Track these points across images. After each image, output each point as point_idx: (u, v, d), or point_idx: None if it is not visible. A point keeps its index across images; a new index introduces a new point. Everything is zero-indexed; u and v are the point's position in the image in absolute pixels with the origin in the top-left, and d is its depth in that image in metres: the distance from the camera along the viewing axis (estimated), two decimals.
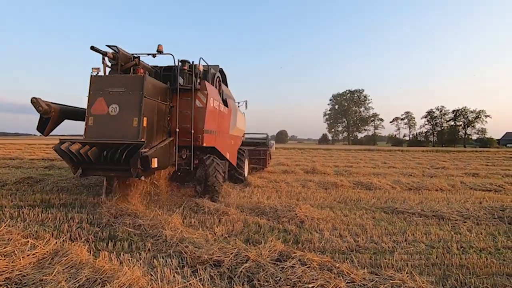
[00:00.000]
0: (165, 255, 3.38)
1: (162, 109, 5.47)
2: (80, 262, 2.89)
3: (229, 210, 5.27)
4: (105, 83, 5.00)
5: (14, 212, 4.98)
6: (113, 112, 4.83)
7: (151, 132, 5.08)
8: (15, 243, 3.26)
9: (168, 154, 5.46)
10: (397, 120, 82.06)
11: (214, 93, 6.33)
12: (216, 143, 6.46)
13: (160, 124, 5.41)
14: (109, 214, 4.81)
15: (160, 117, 5.40)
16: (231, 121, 7.78)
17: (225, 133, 7.27)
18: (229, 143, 7.74)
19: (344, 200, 6.70)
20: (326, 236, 4.15)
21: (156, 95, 5.23)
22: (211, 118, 6.07)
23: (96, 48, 4.95)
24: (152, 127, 5.12)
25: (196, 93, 5.80)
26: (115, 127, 4.80)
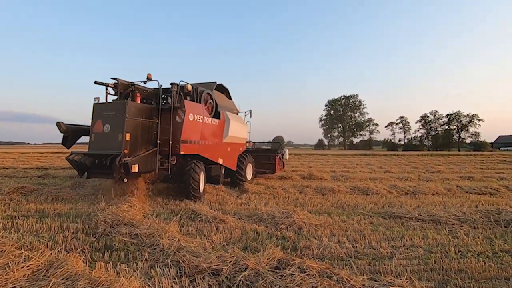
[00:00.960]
0: (162, 265, 3.33)
1: (146, 125, 6.64)
2: (75, 273, 2.83)
3: (226, 217, 5.24)
4: (102, 108, 6.41)
5: (7, 223, 4.90)
6: (106, 130, 6.22)
7: (135, 144, 6.27)
8: (8, 255, 3.19)
9: (150, 161, 6.56)
10: (392, 125, 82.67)
11: (196, 109, 7.33)
12: (200, 150, 7.53)
13: (144, 137, 6.59)
14: (105, 223, 4.74)
15: (144, 131, 6.58)
16: (224, 130, 8.72)
17: (215, 141, 8.30)
18: (223, 149, 8.73)
19: (341, 206, 6.70)
20: (324, 243, 4.14)
21: (140, 115, 6.46)
22: (190, 130, 7.09)
23: (99, 81, 6.41)
24: (136, 140, 6.30)
25: (175, 110, 6.81)
26: (107, 141, 6.17)
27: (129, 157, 6.00)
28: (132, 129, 6.18)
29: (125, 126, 6.00)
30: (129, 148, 6.08)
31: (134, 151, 6.22)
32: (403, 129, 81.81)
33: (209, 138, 7.97)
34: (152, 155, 6.59)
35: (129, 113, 6.13)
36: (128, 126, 6.06)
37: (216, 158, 8.25)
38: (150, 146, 6.67)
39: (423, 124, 78.25)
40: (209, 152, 7.91)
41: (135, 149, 6.26)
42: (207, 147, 7.82)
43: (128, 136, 6.05)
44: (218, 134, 8.43)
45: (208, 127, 7.89)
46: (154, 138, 6.75)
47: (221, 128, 8.61)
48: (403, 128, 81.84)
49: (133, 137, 6.19)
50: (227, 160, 8.89)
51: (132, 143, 6.16)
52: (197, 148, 7.41)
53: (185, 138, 6.91)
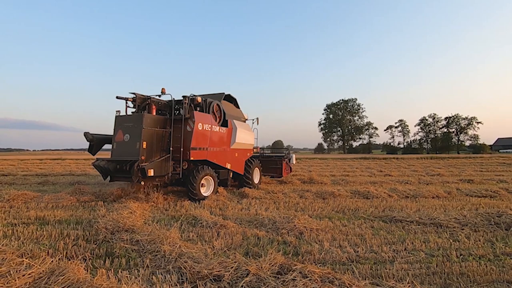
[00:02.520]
0: (164, 271, 3.32)
1: (160, 134, 7.39)
2: (77, 281, 2.82)
3: (227, 223, 5.23)
4: (123, 120, 7.35)
5: (7, 230, 4.88)
6: (126, 139, 7.10)
7: (150, 151, 7.03)
8: (9, 262, 3.18)
9: (164, 166, 7.29)
10: (391, 128, 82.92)
11: (204, 119, 8.12)
12: (209, 156, 8.30)
13: (159, 145, 7.33)
14: (106, 230, 4.73)
15: (159, 140, 7.33)
16: (232, 137, 9.44)
17: (223, 148, 9.01)
18: (231, 155, 9.43)
19: (342, 210, 6.70)
20: (326, 247, 4.13)
21: (155, 125, 7.26)
22: (199, 138, 7.87)
23: (120, 96, 7.38)
24: (151, 148, 7.07)
25: (186, 120, 7.68)
26: (127, 149, 7.02)
27: (146, 162, 6.79)
28: (148, 137, 6.96)
29: (142, 135, 6.81)
30: (146, 154, 6.87)
31: (150, 157, 7.00)
32: (402, 132, 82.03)
33: (217, 145, 8.73)
34: (166, 160, 7.33)
35: (145, 124, 6.94)
36: (144, 135, 6.87)
37: (224, 163, 9.02)
38: (164, 152, 7.41)
39: (422, 127, 78.54)
40: (217, 158, 8.71)
41: (150, 155, 7.05)
42: (215, 153, 8.59)
43: (144, 144, 6.85)
44: (226, 141, 9.18)
45: (216, 135, 8.64)
46: (167, 146, 7.51)
47: (229, 135, 9.35)
48: (402, 132, 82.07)
49: (149, 145, 6.98)
50: (235, 165, 9.60)
51: (148, 150, 6.95)
52: (206, 154, 8.18)
53: (195, 145, 7.71)
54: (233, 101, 10.57)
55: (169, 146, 7.48)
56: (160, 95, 7.69)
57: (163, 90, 7.58)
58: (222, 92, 9.94)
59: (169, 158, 7.37)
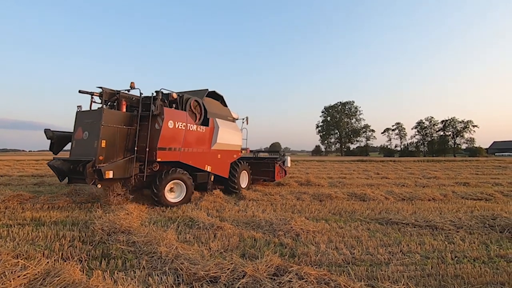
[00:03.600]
0: (160, 273, 3.32)
1: (125, 133, 6.76)
2: (73, 282, 2.81)
3: (224, 224, 5.24)
4: (83, 116, 6.78)
5: (3, 231, 4.85)
6: (85, 137, 6.53)
7: (111, 151, 6.45)
8: (4, 263, 3.16)
9: (127, 168, 6.68)
10: (388, 131, 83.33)
11: (177, 116, 7.41)
12: (182, 158, 7.63)
13: (123, 144, 6.73)
14: (102, 231, 4.72)
15: (122, 139, 6.71)
16: (213, 137, 8.74)
17: (201, 148, 8.35)
18: (212, 157, 8.77)
19: (339, 212, 6.72)
20: (322, 249, 4.15)
21: (119, 122, 6.64)
22: (170, 137, 7.18)
23: (83, 90, 6.68)
24: (113, 147, 6.48)
25: (155, 118, 6.98)
26: (86, 148, 6.46)
27: (105, 163, 6.23)
28: (108, 136, 6.37)
29: (101, 133, 6.21)
30: (105, 154, 6.30)
31: (110, 158, 6.42)
32: (399, 135, 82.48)
33: (194, 145, 8.04)
34: (130, 161, 6.72)
35: (106, 120, 6.33)
36: (104, 133, 6.27)
37: (202, 165, 8.37)
38: (129, 153, 6.81)
39: (419, 130, 79.04)
40: (194, 159, 8.04)
41: (112, 155, 6.46)
42: (191, 154, 7.92)
43: (104, 143, 6.27)
44: (205, 141, 8.48)
45: (193, 134, 7.97)
46: (133, 145, 6.86)
47: (210, 135, 8.64)
48: (399, 134, 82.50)
49: (109, 144, 6.40)
50: (217, 167, 8.97)
51: (108, 149, 6.37)
52: (178, 155, 7.49)
53: (163, 145, 7.03)
54: (219, 99, 9.82)
55: (134, 146, 6.82)
56: (129, 90, 7.03)
57: (132, 84, 6.92)
58: (205, 89, 9.18)
59: (134, 159, 6.74)
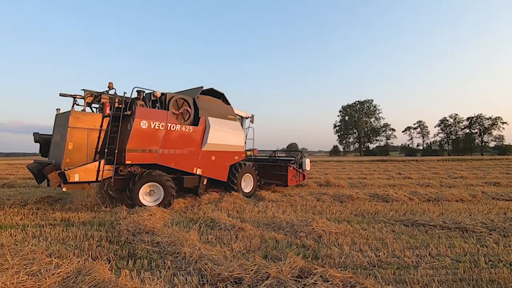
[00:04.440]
0: (185, 273, 3.37)
1: (96, 135, 6.61)
2: (103, 280, 2.91)
3: (245, 225, 5.25)
4: (58, 119, 6.82)
5: (36, 231, 5.10)
6: (58, 140, 6.56)
7: (79, 153, 6.37)
8: (40, 262, 3.33)
9: (96, 171, 6.50)
10: (410, 130, 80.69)
11: (154, 116, 7.06)
12: (160, 160, 7.21)
13: (93, 146, 6.58)
14: (128, 231, 4.86)
15: (94, 140, 6.58)
16: (204, 137, 8.17)
17: (188, 149, 7.85)
18: (203, 159, 8.20)
19: (361, 213, 6.57)
20: (346, 251, 4.07)
21: (91, 124, 6.54)
22: (142, 138, 6.83)
23: (64, 94, 6.63)
24: (82, 150, 6.41)
25: (127, 118, 6.81)
26: (57, 150, 6.46)
27: (72, 166, 6.17)
28: (76, 138, 6.29)
29: (67, 135, 6.16)
30: (73, 157, 6.23)
31: (79, 160, 6.33)
32: (421, 133, 79.65)
33: (178, 146, 7.57)
34: (101, 164, 6.57)
35: (73, 122, 6.25)
36: (71, 135, 6.20)
37: (190, 167, 7.88)
38: (100, 155, 6.64)
39: (442, 128, 76.04)
40: (178, 162, 7.57)
41: (80, 158, 6.36)
42: (173, 156, 7.45)
43: (71, 145, 6.20)
44: (194, 142, 7.96)
45: (177, 135, 7.51)
46: (104, 148, 6.70)
47: (199, 135, 8.09)
48: (421, 133, 79.69)
49: (78, 146, 6.31)
50: (210, 170, 8.38)
51: (76, 152, 6.29)
52: (155, 157, 7.10)
53: (134, 146, 6.71)
54: (220, 97, 9.26)
55: (107, 148, 6.65)
56: (107, 91, 6.89)
57: (110, 84, 6.76)
58: (199, 87, 8.71)
59: (104, 162, 6.58)
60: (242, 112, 10.08)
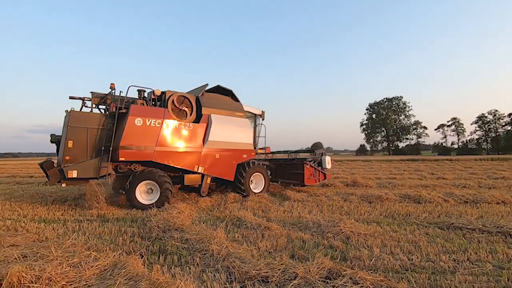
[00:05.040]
0: (213, 270, 3.44)
1: (95, 133, 6.89)
2: (136, 274, 3.05)
3: (271, 225, 5.25)
4: (65, 119, 7.08)
5: (75, 226, 5.46)
6: (63, 139, 6.84)
7: (80, 151, 6.71)
8: (80, 255, 3.56)
9: (94, 168, 6.77)
10: (443, 127, 76.38)
11: (149, 113, 7.22)
12: (157, 157, 7.25)
13: (92, 144, 6.86)
14: (158, 228, 5.05)
15: (92, 139, 6.85)
16: (206, 135, 8.09)
17: (188, 147, 7.82)
18: (206, 157, 8.11)
19: (391, 215, 6.32)
20: (376, 253, 3.93)
21: (90, 123, 6.85)
22: (137, 135, 6.97)
23: (73, 96, 7.05)
24: (81, 147, 6.73)
25: (123, 116, 6.99)
26: (62, 149, 6.80)
27: (72, 163, 6.54)
28: (76, 136, 6.63)
29: (67, 134, 6.54)
30: (72, 154, 6.59)
31: (78, 158, 6.66)
32: (456, 131, 75.08)
33: (176, 144, 7.58)
34: (99, 161, 6.80)
35: (73, 121, 6.62)
36: (70, 134, 6.57)
37: (190, 166, 7.81)
38: (99, 153, 6.86)
39: (480, 125, 71.12)
40: (176, 159, 7.54)
41: (79, 155, 6.69)
42: (170, 153, 7.45)
43: (70, 143, 6.57)
44: (194, 139, 7.90)
45: (174, 132, 7.54)
46: (102, 145, 6.91)
47: (201, 132, 8.04)
48: (456, 131, 75.11)
49: (77, 144, 6.65)
50: (214, 168, 8.24)
51: (75, 150, 6.63)
52: (150, 155, 7.14)
53: (127, 143, 6.83)
54: (229, 94, 9.17)
55: (104, 146, 6.87)
56: (110, 92, 7.20)
57: (111, 85, 7.02)
58: (205, 84, 8.70)
59: (103, 159, 6.81)
60: (253, 108, 9.78)
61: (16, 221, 5.85)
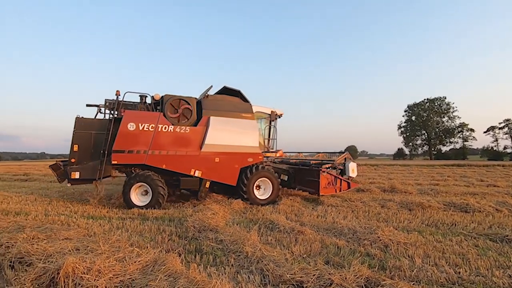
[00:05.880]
0: (247, 271, 3.49)
1: (98, 138, 7.38)
2: (175, 271, 3.20)
3: (304, 229, 5.18)
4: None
5: (119, 223, 5.85)
6: (71, 142, 7.27)
7: (84, 154, 7.28)
8: (124, 250, 3.81)
9: (94, 170, 7.28)
10: (494, 130, 69.59)
11: (143, 118, 7.45)
12: (150, 161, 7.45)
13: (95, 148, 7.34)
14: (194, 228, 5.24)
15: (96, 143, 7.35)
16: (205, 138, 7.86)
17: (184, 151, 7.77)
18: (203, 160, 7.91)
19: (434, 224, 5.92)
20: (418, 264, 3.71)
21: (94, 128, 7.39)
22: (129, 140, 7.26)
23: (90, 104, 7.68)
24: (86, 151, 7.29)
25: (119, 121, 7.31)
26: None
27: (76, 165, 7.16)
28: (81, 141, 7.22)
29: (73, 139, 7.16)
30: (78, 157, 7.18)
31: (83, 160, 7.24)
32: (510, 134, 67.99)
33: (171, 147, 7.61)
34: (99, 164, 7.26)
35: (78, 127, 7.21)
36: (76, 138, 7.17)
37: (186, 169, 7.75)
38: (99, 156, 7.31)
39: None
40: (170, 163, 7.59)
41: (84, 158, 7.26)
42: (164, 157, 7.53)
43: (76, 147, 7.15)
44: (190, 142, 7.81)
45: (169, 136, 7.58)
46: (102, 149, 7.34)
47: (198, 136, 7.87)
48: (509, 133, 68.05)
49: (82, 148, 7.22)
50: (213, 172, 8.00)
51: (81, 153, 7.22)
52: (143, 158, 7.36)
53: (120, 147, 7.13)
54: (238, 95, 8.78)
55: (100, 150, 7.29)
56: (117, 98, 7.63)
57: (117, 92, 7.54)
58: (210, 86, 8.42)
59: (104, 161, 7.20)
60: (264, 108, 9.18)
61: (69, 216, 6.41)
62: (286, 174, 9.59)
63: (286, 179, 9.33)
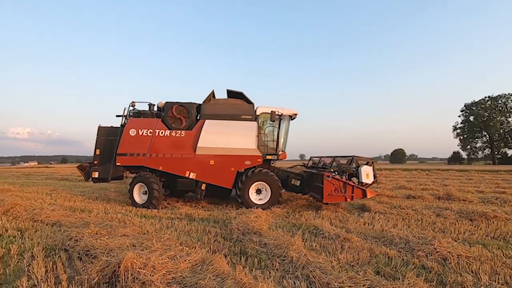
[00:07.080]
0: (292, 277, 3.45)
1: (114, 143, 8.34)
2: (222, 272, 3.29)
3: (351, 236, 4.98)
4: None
5: (169, 223, 6.21)
6: (94, 147, 8.50)
7: (104, 157, 8.38)
8: (174, 249, 4.03)
9: (110, 171, 8.32)
10: None
11: (142, 124, 8.26)
12: (148, 163, 8.18)
13: (112, 152, 8.31)
14: (238, 230, 5.35)
15: (113, 148, 8.30)
16: (198, 141, 8.13)
17: (180, 153, 8.20)
18: (198, 163, 8.16)
19: (502, 237, 5.26)
20: (484, 281, 3.33)
21: (111, 135, 8.45)
22: (131, 144, 8.13)
23: (119, 115, 8.70)
24: (105, 154, 8.37)
25: (123, 127, 8.29)
26: None
27: (98, 166, 8.33)
28: (101, 145, 8.37)
29: (96, 144, 8.37)
30: (99, 160, 8.35)
31: (103, 162, 8.35)
32: None
33: (167, 150, 8.17)
34: (114, 165, 8.24)
35: (99, 134, 8.39)
36: (98, 143, 8.37)
37: (181, 171, 8.16)
38: (113, 159, 8.31)
39: None
40: (166, 165, 8.17)
41: (104, 160, 8.35)
42: (160, 159, 8.16)
43: (98, 151, 8.35)
44: (185, 146, 8.17)
45: (165, 140, 8.18)
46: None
47: (192, 139, 8.17)
48: None
49: (103, 151, 8.34)
50: (208, 175, 8.16)
51: (102, 156, 8.35)
52: (142, 161, 8.16)
53: (123, 151, 8.12)
54: (241, 97, 8.75)
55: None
56: (134, 108, 8.69)
57: (132, 103, 8.59)
58: (211, 91, 8.72)
59: (114, 163, 8.18)
60: (267, 108, 8.68)
61: (125, 215, 6.99)
62: (298, 179, 8.91)
63: (299, 184, 8.79)
